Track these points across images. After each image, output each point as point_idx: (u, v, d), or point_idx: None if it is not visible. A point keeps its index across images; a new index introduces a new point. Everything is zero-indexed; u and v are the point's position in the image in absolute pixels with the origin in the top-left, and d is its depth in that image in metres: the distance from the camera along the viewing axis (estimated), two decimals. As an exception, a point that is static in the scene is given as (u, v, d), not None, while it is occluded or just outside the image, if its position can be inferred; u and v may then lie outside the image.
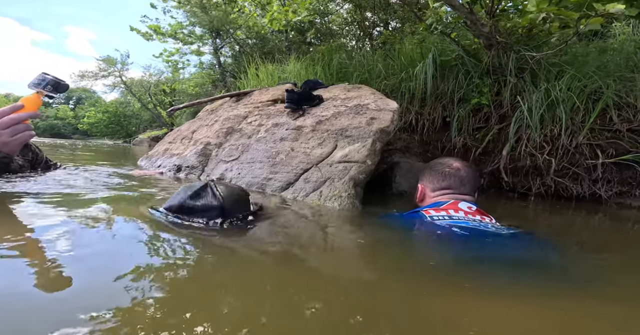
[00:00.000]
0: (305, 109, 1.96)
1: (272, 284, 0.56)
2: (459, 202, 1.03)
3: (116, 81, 17.86)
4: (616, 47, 2.53)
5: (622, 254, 0.98)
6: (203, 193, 0.81)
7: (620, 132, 1.96)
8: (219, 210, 0.79)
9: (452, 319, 0.48)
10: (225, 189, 0.84)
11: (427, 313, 0.50)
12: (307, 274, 0.62)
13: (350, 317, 0.46)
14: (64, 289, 0.47)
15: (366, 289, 0.58)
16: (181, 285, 0.52)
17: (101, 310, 0.42)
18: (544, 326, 0.47)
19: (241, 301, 0.49)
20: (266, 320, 0.43)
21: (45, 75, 0.95)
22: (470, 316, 0.49)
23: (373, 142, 1.44)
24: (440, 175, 1.14)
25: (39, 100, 0.92)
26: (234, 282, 0.56)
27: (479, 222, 0.93)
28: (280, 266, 0.65)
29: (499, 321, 0.48)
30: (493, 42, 2.43)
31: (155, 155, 2.50)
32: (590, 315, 0.52)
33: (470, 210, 0.99)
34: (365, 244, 0.84)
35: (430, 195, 1.13)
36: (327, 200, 1.21)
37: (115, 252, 0.63)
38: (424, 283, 0.61)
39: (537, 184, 2.13)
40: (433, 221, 0.95)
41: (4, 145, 0.81)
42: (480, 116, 2.52)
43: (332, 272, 0.64)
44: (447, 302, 0.54)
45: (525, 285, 0.62)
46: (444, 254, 0.79)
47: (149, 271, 0.55)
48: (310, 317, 0.46)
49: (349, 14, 6.78)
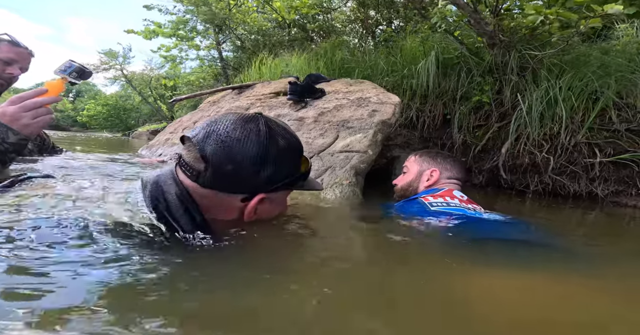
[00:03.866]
0: (307, 102, 1.97)
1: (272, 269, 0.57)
2: (453, 190, 1.05)
3: (117, 74, 17.79)
4: (619, 49, 2.55)
5: (619, 242, 1.00)
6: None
7: (619, 132, 1.98)
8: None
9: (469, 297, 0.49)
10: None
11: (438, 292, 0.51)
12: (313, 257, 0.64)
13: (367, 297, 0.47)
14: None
15: (377, 270, 0.59)
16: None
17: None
18: (548, 298, 0.49)
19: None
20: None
21: (72, 62, 0.98)
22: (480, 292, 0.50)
23: (375, 133, 1.45)
24: (459, 167, 1.18)
25: (62, 86, 0.94)
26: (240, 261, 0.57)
27: (473, 210, 0.95)
28: (285, 250, 0.66)
29: (505, 295, 0.49)
30: (496, 41, 2.45)
31: (156, 145, 2.50)
32: (591, 289, 0.54)
33: (463, 198, 1.02)
34: (368, 228, 0.85)
35: (440, 182, 1.14)
36: (327, 187, 1.23)
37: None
38: (432, 264, 0.62)
39: (535, 182, 2.15)
40: (432, 208, 0.96)
41: (25, 127, 0.83)
42: (481, 114, 2.54)
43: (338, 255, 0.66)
44: (459, 283, 0.55)
45: (527, 264, 0.64)
46: (448, 238, 0.80)
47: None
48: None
49: (352, 12, 6.77)
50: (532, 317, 0.45)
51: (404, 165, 1.26)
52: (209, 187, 0.63)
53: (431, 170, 1.17)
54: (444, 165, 1.17)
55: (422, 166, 1.20)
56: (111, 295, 0.42)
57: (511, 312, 0.46)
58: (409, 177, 1.19)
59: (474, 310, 0.46)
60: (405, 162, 1.27)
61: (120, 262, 0.49)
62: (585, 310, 0.48)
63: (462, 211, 0.92)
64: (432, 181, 1.14)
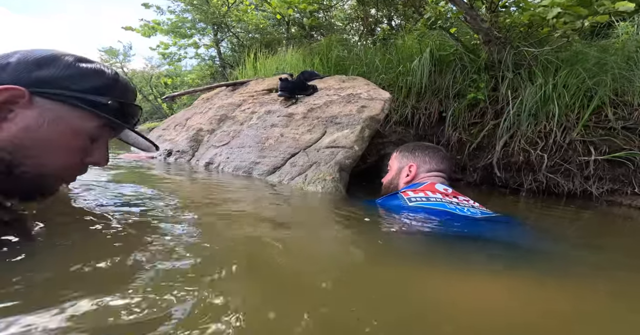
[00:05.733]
0: (298, 98, 1.95)
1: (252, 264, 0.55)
2: (435, 183, 1.02)
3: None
4: (618, 46, 2.51)
5: (612, 243, 0.97)
6: None
7: (614, 130, 1.95)
8: None
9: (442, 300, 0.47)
10: None
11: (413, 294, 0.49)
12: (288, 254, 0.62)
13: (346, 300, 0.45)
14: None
15: (349, 269, 0.57)
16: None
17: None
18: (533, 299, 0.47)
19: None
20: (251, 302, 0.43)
21: None
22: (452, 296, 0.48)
23: (362, 129, 1.43)
24: (439, 158, 1.13)
25: None
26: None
27: (456, 204, 0.93)
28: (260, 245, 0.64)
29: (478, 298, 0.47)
30: (492, 38, 2.42)
31: (148, 141, 2.49)
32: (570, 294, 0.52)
33: (447, 192, 0.99)
34: (339, 223, 0.83)
35: (419, 176, 1.11)
36: (310, 183, 1.21)
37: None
38: (406, 266, 0.60)
39: (529, 180, 2.12)
40: (411, 203, 0.94)
41: None
42: (476, 111, 2.51)
43: (313, 252, 0.64)
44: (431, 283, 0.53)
45: (490, 262, 0.62)
46: (421, 236, 0.78)
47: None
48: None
49: (352, 10, 6.73)
50: (499, 323, 0.43)
51: (388, 162, 1.23)
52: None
53: (409, 166, 1.14)
54: (422, 158, 1.13)
55: (401, 162, 1.17)
56: None
57: (475, 317, 0.44)
58: (390, 175, 1.17)
59: (431, 310, 0.44)
60: (390, 159, 1.25)
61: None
62: (556, 316, 0.46)
63: (442, 206, 0.90)
64: (411, 176, 1.12)
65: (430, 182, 1.02)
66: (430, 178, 1.07)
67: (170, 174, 1.51)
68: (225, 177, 1.37)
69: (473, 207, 0.93)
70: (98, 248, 0.52)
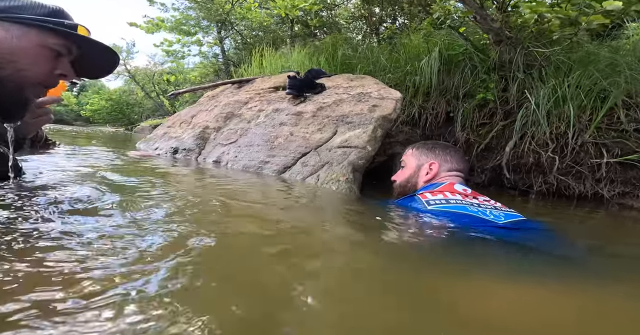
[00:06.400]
0: (307, 96, 1.93)
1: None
2: (454, 183, 1.00)
3: (120, 69, 17.78)
4: (629, 48, 2.48)
5: (627, 249, 0.95)
6: None
7: (627, 132, 1.92)
8: None
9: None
10: None
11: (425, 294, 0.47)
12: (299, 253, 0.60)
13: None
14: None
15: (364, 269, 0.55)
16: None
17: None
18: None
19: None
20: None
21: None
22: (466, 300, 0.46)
23: (374, 129, 1.40)
24: (459, 157, 1.11)
25: (64, 86, 0.90)
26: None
27: (477, 206, 0.90)
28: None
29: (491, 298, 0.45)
30: (502, 38, 2.39)
31: (153, 139, 2.47)
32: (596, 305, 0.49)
33: (466, 192, 0.96)
34: (362, 227, 0.81)
35: (440, 175, 1.08)
36: (324, 184, 1.18)
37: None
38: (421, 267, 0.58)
39: (539, 182, 2.09)
40: (429, 207, 0.91)
41: (23, 127, 0.80)
42: (485, 112, 2.48)
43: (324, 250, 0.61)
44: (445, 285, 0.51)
45: (516, 271, 0.59)
46: (440, 240, 0.76)
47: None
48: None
49: (356, 9, 6.69)
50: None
51: (402, 159, 1.20)
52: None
53: (430, 163, 1.11)
54: (443, 156, 1.10)
55: (420, 159, 1.13)
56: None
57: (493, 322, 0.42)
58: (407, 172, 1.13)
59: (454, 316, 0.42)
60: (403, 155, 1.21)
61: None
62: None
63: (463, 209, 0.87)
64: (432, 175, 1.08)
65: (449, 182, 1.00)
66: (450, 177, 1.05)
67: (198, 173, 1.48)
68: (242, 176, 1.33)
69: (495, 209, 0.91)
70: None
